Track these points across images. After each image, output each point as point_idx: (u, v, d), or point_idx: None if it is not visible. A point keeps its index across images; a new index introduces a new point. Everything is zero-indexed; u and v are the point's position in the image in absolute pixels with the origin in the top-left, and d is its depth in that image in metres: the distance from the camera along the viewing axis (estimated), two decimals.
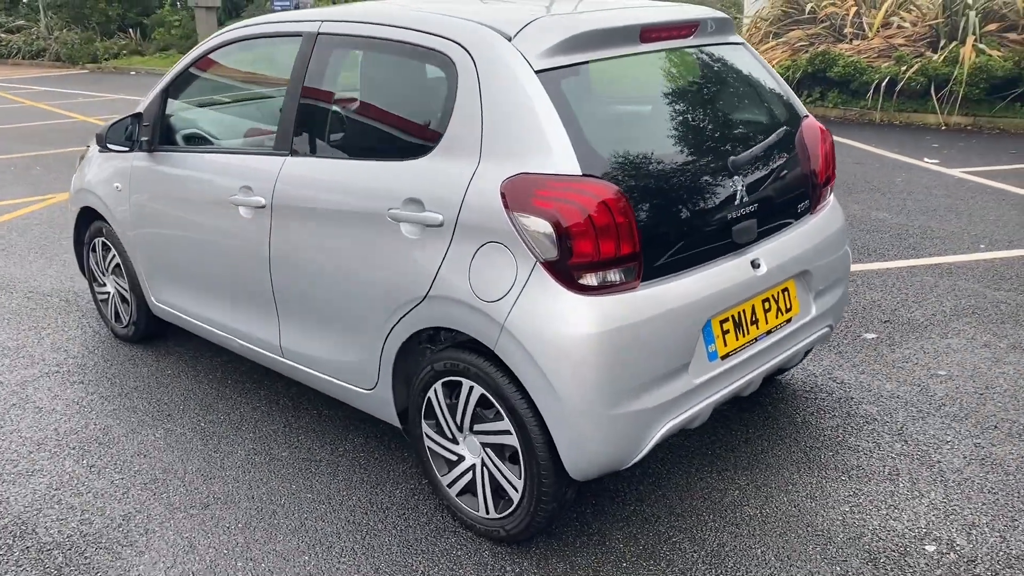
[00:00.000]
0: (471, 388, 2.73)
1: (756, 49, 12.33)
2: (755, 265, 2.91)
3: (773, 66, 11.47)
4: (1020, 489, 3.07)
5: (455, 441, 2.88)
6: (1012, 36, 10.58)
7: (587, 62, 2.74)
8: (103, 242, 4.47)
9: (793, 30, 12.19)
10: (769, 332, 3.01)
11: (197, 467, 3.37)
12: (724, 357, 2.83)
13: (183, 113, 4.07)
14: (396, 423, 3.12)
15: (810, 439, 3.44)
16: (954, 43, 10.49)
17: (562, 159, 2.50)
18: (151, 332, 4.51)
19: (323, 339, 3.23)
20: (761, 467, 3.26)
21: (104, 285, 4.63)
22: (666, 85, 3.01)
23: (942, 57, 10.40)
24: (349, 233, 2.96)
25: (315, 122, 3.18)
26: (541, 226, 2.46)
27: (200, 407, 3.86)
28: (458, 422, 2.82)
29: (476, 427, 2.77)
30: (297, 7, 17.74)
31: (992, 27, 10.62)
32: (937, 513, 2.95)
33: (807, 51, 11.62)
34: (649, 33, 2.89)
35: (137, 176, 4.01)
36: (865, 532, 2.86)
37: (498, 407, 2.67)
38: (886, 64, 10.82)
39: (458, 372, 2.76)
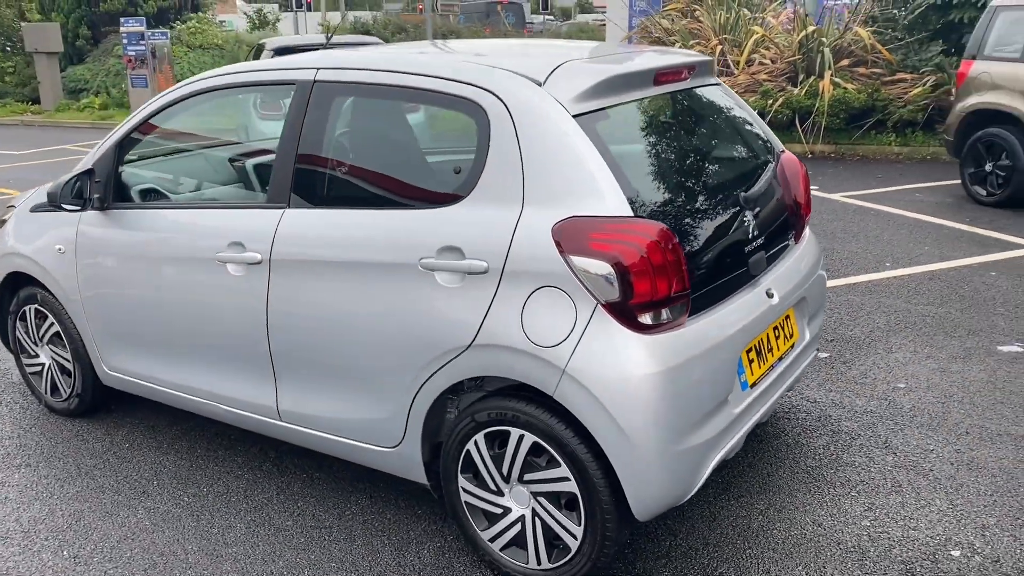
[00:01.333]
0: (521, 437, 2.68)
1: None
2: (769, 295, 3.02)
3: None
4: (1010, 489, 3.30)
5: (499, 493, 2.80)
6: (861, 70, 11.53)
7: (613, 105, 2.78)
8: (37, 309, 4.10)
9: None
10: (780, 359, 3.12)
11: (198, 547, 3.12)
12: (753, 385, 2.91)
13: (142, 167, 3.82)
14: (422, 480, 3.01)
15: (807, 458, 3.57)
16: (812, 78, 11.30)
17: (612, 201, 2.52)
18: (95, 404, 4.16)
19: (334, 398, 3.08)
20: (773, 489, 3.35)
21: (37, 356, 4.23)
22: (675, 126, 3.09)
23: (803, 91, 11.18)
24: (370, 285, 2.85)
25: (319, 172, 3.06)
26: (600, 268, 2.46)
27: (177, 480, 3.58)
28: (504, 473, 2.76)
29: (526, 476, 2.72)
30: (154, 52, 17.03)
31: (844, 62, 11.52)
32: (949, 519, 3.13)
33: None
34: (661, 76, 2.97)
35: (87, 236, 3.71)
36: (893, 544, 2.99)
37: (553, 454, 2.63)
38: (754, 98, 11.50)
39: (505, 421, 2.70)
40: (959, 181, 8.39)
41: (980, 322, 5.01)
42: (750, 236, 2.98)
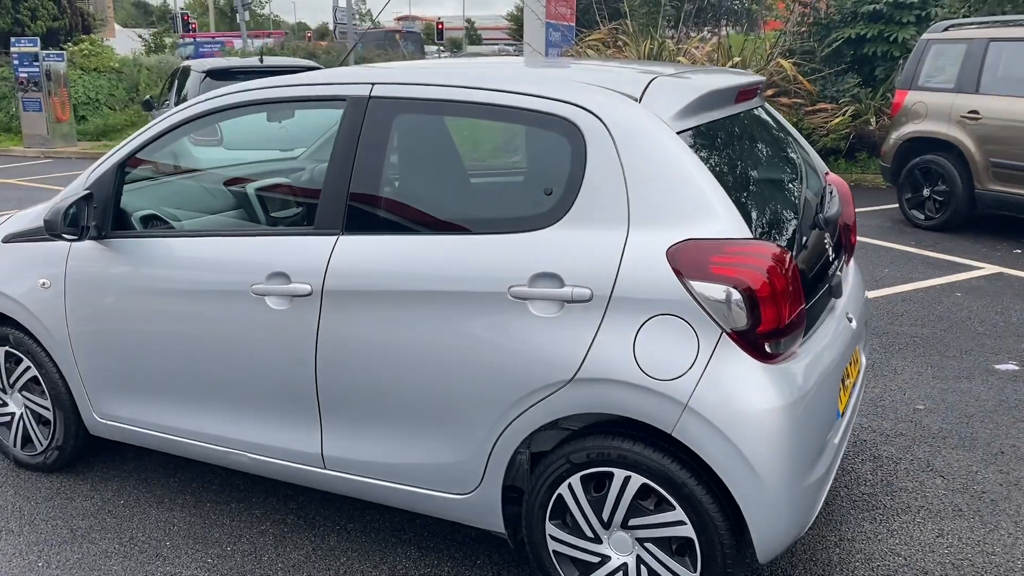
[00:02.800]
0: (627, 479, 2.48)
1: None
2: (848, 319, 2.94)
3: None
4: None
5: (597, 540, 2.59)
6: (784, 100, 11.89)
7: (705, 123, 2.66)
8: (8, 352, 3.63)
9: None
10: (854, 384, 3.04)
11: None
12: (842, 413, 2.81)
13: (140, 191, 3.44)
14: (498, 528, 2.77)
15: (860, 485, 3.50)
16: None
17: (728, 222, 2.37)
18: (75, 457, 3.71)
19: (394, 442, 2.81)
20: (838, 519, 3.25)
21: (4, 405, 3.75)
22: (752, 145, 2.99)
23: None
24: (448, 317, 2.61)
25: (379, 196, 2.79)
26: (726, 293, 2.31)
27: (193, 540, 3.20)
28: (604, 518, 2.55)
29: (632, 521, 2.52)
30: (48, 74, 16.03)
31: (768, 93, 11.86)
32: (1020, 541, 3.09)
33: None
34: (741, 94, 2.87)
35: (80, 269, 3.31)
36: (978, 571, 2.93)
37: (666, 496, 2.44)
38: None
39: (608, 462, 2.50)
40: (895, 205, 8.69)
41: (967, 342, 5.12)
42: (831, 258, 2.90)
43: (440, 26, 45.04)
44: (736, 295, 2.30)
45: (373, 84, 2.85)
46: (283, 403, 2.98)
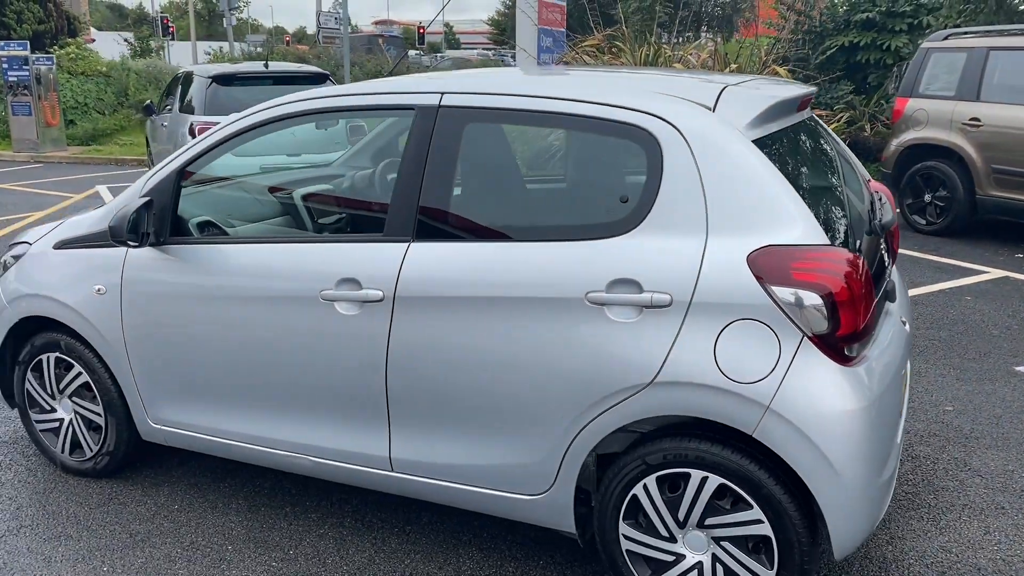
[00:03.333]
0: (704, 479, 2.55)
1: None
2: (903, 322, 3.02)
3: None
4: None
5: (671, 539, 2.65)
6: None
7: (775, 132, 2.74)
8: (58, 358, 3.64)
9: None
10: (906, 386, 3.12)
11: None
12: (900, 414, 2.89)
13: (201, 196, 3.46)
14: (568, 529, 2.82)
15: (903, 485, 3.59)
16: None
17: (805, 228, 2.45)
18: (125, 463, 3.72)
19: (465, 445, 2.85)
20: (886, 518, 3.34)
21: (53, 411, 3.75)
22: (811, 153, 3.07)
23: None
24: (523, 323, 2.66)
25: (451, 204, 2.84)
26: (808, 298, 2.38)
27: (254, 544, 3.23)
28: (680, 518, 2.61)
29: (708, 520, 2.58)
30: (38, 78, 15.90)
31: None
32: None
33: None
34: (802, 104, 2.95)
35: (138, 276, 3.33)
36: None
37: (744, 496, 2.51)
38: None
39: (685, 463, 2.56)
40: (896, 211, 8.83)
41: (984, 344, 5.24)
42: (886, 263, 2.99)
43: (421, 31, 45.10)
44: (818, 300, 2.37)
45: (443, 93, 2.90)
46: (350, 407, 3.02)
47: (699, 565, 2.64)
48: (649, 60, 13.10)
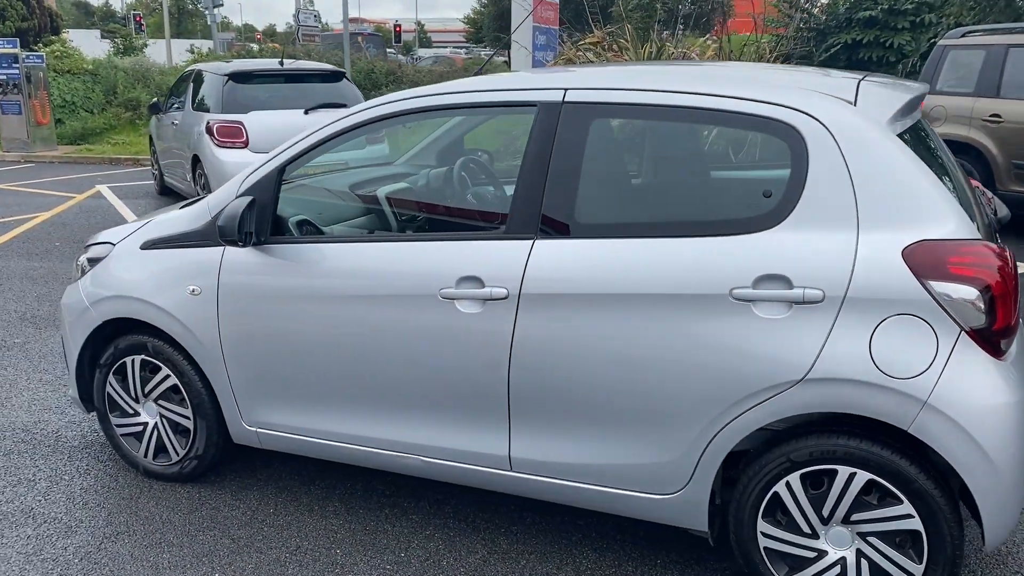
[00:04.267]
0: (851, 475, 2.54)
1: None
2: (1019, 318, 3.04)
3: None
4: None
5: (813, 536, 2.64)
6: None
7: (908, 128, 2.74)
8: (144, 360, 3.56)
9: None
10: None
11: None
12: None
13: (303, 195, 3.40)
14: (701, 527, 2.81)
15: None
16: None
17: (960, 223, 2.46)
18: (211, 467, 3.66)
19: (593, 444, 2.83)
20: None
21: (136, 415, 3.67)
22: (932, 149, 3.07)
23: None
24: (662, 320, 2.64)
25: (577, 200, 2.81)
26: (966, 293, 2.38)
27: (363, 548, 3.18)
28: (824, 514, 2.60)
29: (855, 516, 2.57)
30: (28, 76, 15.61)
31: None
32: None
33: None
34: (920, 102, 2.96)
35: (236, 276, 3.26)
36: None
37: (893, 491, 2.51)
38: None
39: (832, 459, 2.55)
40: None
41: None
42: None
43: (398, 29, 45.04)
44: (976, 294, 2.38)
45: (566, 89, 2.87)
46: (467, 405, 2.98)
47: (842, 561, 2.63)
48: (652, 57, 13.16)
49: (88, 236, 4.44)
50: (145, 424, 3.67)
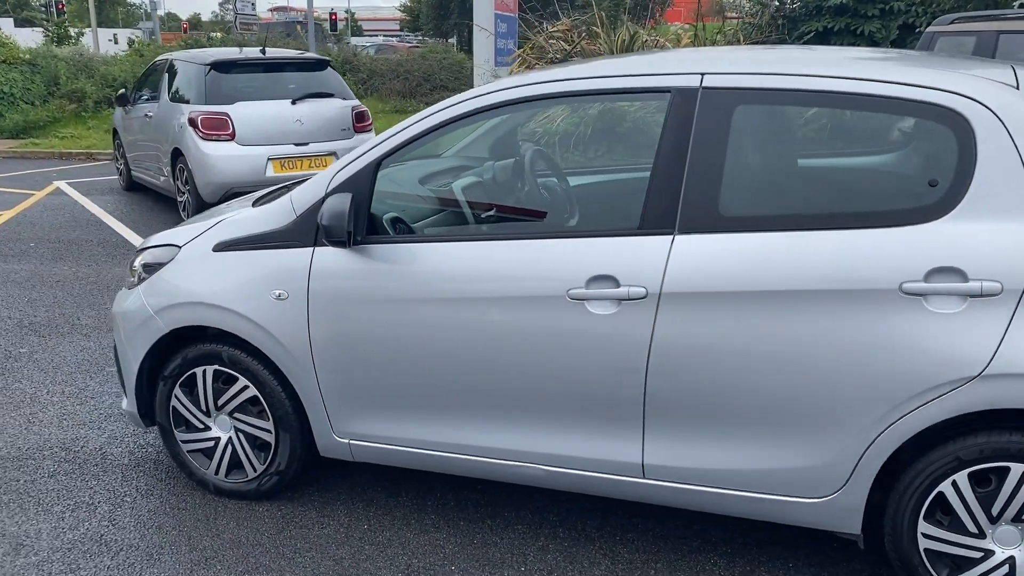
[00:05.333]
0: None
1: None
2: None
3: (555, 125, 12.01)
4: None
5: (980, 535, 2.56)
6: None
7: None
8: (216, 371, 3.30)
9: None
10: None
11: None
12: None
13: (413, 190, 3.18)
14: (854, 530, 2.70)
15: None
16: None
17: None
18: (291, 482, 3.42)
19: (740, 449, 2.70)
20: None
21: (206, 429, 3.41)
22: None
23: None
24: (821, 317, 2.51)
25: (722, 193, 2.66)
26: None
27: (479, 563, 3.00)
28: (994, 513, 2.52)
29: None
30: None
31: None
32: None
33: (581, 110, 12.29)
34: None
35: (329, 278, 3.03)
36: None
37: None
38: None
39: (1007, 456, 2.47)
40: None
41: None
42: None
43: (334, 17, 44.32)
44: None
45: (703, 74, 2.72)
46: (597, 411, 2.82)
47: (1010, 560, 2.55)
48: (627, 45, 13.09)
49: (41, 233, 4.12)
50: (216, 439, 3.41)
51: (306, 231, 3.09)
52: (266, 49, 8.98)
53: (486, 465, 3.03)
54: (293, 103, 8.37)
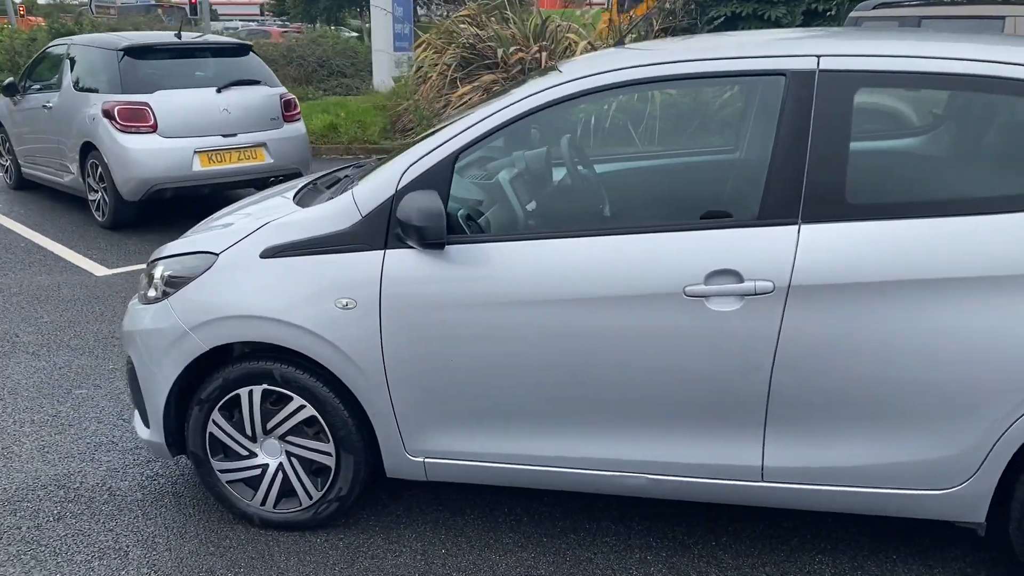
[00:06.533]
0: None
1: (446, 93, 12.51)
2: None
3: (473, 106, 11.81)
4: None
5: None
6: None
7: None
8: (265, 391, 2.96)
9: (483, 75, 12.59)
10: None
11: None
12: None
13: (499, 185, 2.91)
14: (977, 519, 2.66)
15: None
16: None
17: None
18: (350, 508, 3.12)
19: (866, 444, 2.61)
20: None
21: (251, 456, 3.06)
22: None
23: (636, 96, 11.69)
24: (970, 305, 2.43)
25: (848, 179, 2.54)
26: None
27: None
28: None
29: None
30: None
31: None
32: None
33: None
34: None
35: (405, 283, 2.75)
36: None
37: None
38: None
39: None
40: None
41: None
42: None
43: (193, 1, 42.47)
44: None
45: (819, 56, 2.59)
46: (715, 414, 2.68)
47: None
48: (538, 29, 12.99)
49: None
50: (264, 466, 3.06)
51: (374, 233, 2.80)
52: (181, 34, 8.33)
53: (584, 477, 2.84)
54: (218, 91, 7.80)
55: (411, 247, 2.75)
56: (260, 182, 8.06)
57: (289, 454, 3.03)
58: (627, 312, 2.64)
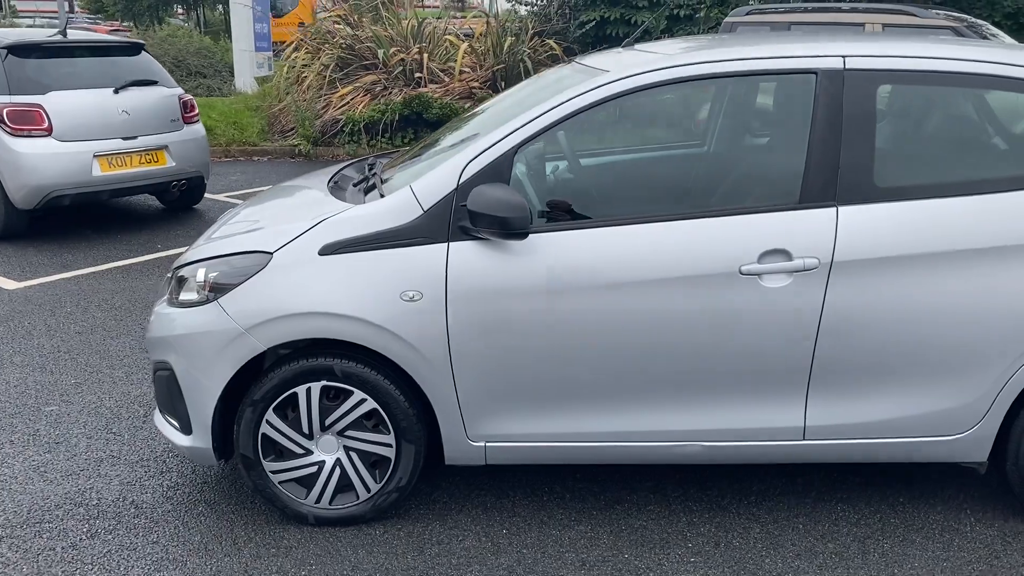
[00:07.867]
0: None
1: (326, 94, 12.35)
2: None
3: (358, 112, 11.74)
4: None
5: None
6: None
7: None
8: (324, 387, 2.97)
9: (363, 76, 12.51)
10: None
11: None
12: None
13: (558, 176, 3.03)
14: (981, 459, 3.07)
15: None
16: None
17: None
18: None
19: (896, 399, 2.95)
20: None
21: (307, 454, 3.05)
22: None
23: None
24: (982, 272, 2.83)
25: (876, 165, 2.87)
26: None
27: (661, 548, 3.00)
28: None
29: None
30: None
31: (541, 71, 12.60)
32: None
33: (382, 96, 12.11)
34: None
35: (471, 273, 2.86)
36: None
37: None
38: (469, 103, 11.98)
39: None
40: None
41: None
42: None
43: None
44: None
45: (845, 56, 2.92)
46: (764, 381, 2.95)
47: None
48: (416, 30, 13.05)
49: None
50: (320, 463, 3.06)
51: (437, 226, 2.88)
52: (67, 32, 7.85)
53: (642, 450, 3.04)
54: (116, 92, 7.42)
55: (475, 238, 2.85)
56: (162, 187, 7.75)
57: (347, 448, 3.05)
58: (688, 292, 2.86)
